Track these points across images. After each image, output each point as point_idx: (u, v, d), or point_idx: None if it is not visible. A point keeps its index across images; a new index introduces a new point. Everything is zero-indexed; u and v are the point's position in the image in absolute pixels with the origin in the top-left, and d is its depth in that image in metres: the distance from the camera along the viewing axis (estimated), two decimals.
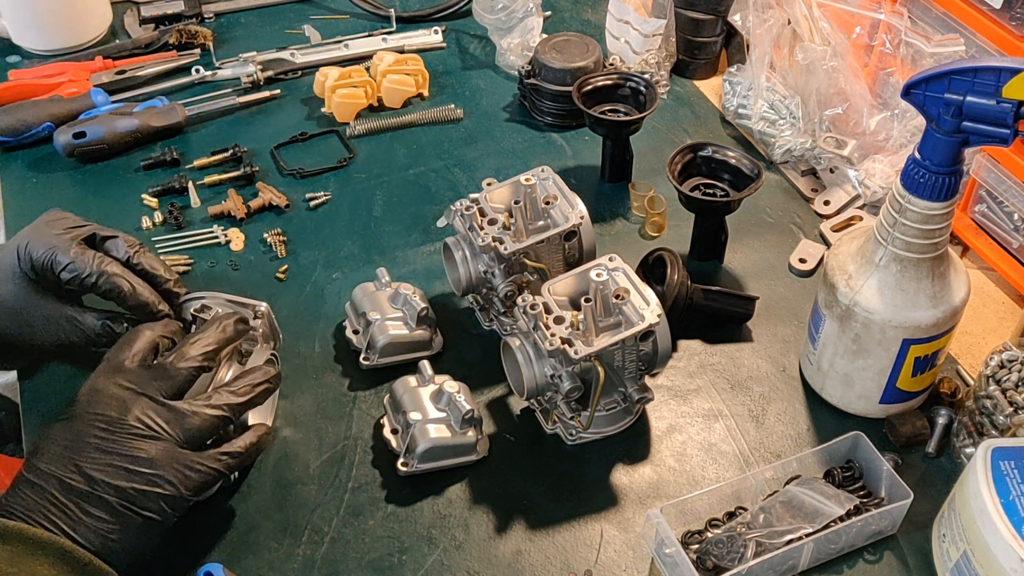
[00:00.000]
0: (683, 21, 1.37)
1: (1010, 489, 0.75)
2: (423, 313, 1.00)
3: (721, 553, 0.82)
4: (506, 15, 1.43)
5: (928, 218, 0.82)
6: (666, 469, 0.93)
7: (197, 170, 1.26)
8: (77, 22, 1.47)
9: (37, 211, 1.21)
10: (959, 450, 0.92)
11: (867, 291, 0.87)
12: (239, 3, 1.58)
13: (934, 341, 0.88)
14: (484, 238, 0.96)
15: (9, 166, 1.29)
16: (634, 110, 1.21)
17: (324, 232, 1.18)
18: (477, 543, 0.88)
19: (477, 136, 1.33)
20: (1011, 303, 1.09)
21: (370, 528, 0.89)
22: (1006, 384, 0.89)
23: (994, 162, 1.05)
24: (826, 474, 0.90)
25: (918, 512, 0.87)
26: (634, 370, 0.92)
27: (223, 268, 1.13)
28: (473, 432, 0.92)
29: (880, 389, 0.93)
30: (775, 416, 0.98)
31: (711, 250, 1.13)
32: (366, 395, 1.00)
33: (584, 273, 0.91)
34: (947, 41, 1.09)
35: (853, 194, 1.20)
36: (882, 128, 1.19)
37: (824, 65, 1.18)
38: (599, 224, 1.19)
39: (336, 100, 1.32)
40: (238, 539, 0.88)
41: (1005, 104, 0.74)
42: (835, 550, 0.85)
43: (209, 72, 1.41)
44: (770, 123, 1.26)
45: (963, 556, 0.78)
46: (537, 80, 1.32)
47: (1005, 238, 1.10)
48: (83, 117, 1.29)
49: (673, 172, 1.08)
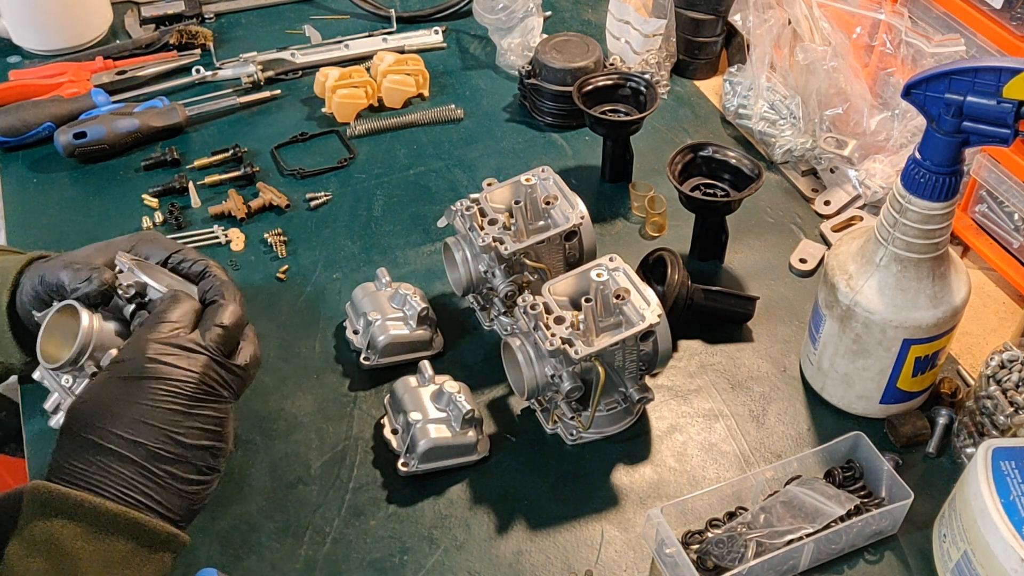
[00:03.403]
0: (683, 21, 1.37)
1: (1011, 489, 0.75)
2: (423, 313, 1.00)
3: (722, 553, 0.82)
4: (506, 15, 1.42)
5: (928, 218, 0.82)
6: (667, 469, 0.94)
7: (197, 170, 1.26)
8: (77, 22, 1.47)
9: (37, 211, 1.22)
10: (959, 450, 0.92)
11: (867, 291, 0.87)
12: (239, 3, 1.58)
13: (934, 341, 0.88)
14: (484, 238, 0.96)
15: (9, 166, 1.29)
16: (634, 110, 1.21)
17: (324, 232, 1.18)
18: (478, 543, 0.88)
19: (477, 136, 1.33)
20: (1011, 303, 1.10)
21: (371, 528, 0.89)
22: (1006, 384, 0.89)
23: (994, 162, 1.05)
24: (827, 474, 0.90)
25: (918, 512, 0.87)
26: (634, 370, 0.92)
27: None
28: (473, 432, 0.92)
29: (880, 389, 0.93)
30: (775, 416, 0.98)
31: (711, 250, 1.13)
32: (366, 395, 1.00)
33: (584, 273, 0.91)
34: (947, 41, 1.09)
35: (853, 194, 1.20)
36: (882, 128, 1.19)
37: (824, 65, 1.18)
38: (599, 224, 1.19)
39: (336, 100, 1.32)
40: (240, 540, 0.88)
41: (1005, 104, 0.74)
42: (836, 550, 0.85)
43: (209, 72, 1.41)
44: (770, 123, 1.26)
45: (964, 556, 0.78)
46: (537, 80, 1.32)
47: (1005, 238, 1.10)
48: (83, 117, 1.29)
49: (673, 172, 1.08)
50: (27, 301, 0.84)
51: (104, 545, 0.68)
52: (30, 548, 0.67)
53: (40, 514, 0.68)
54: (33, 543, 0.67)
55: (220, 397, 0.76)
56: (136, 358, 0.74)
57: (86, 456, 0.71)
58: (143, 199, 1.22)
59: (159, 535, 0.71)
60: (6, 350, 0.87)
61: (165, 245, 0.86)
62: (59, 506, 0.68)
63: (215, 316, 0.78)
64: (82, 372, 0.77)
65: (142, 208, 1.21)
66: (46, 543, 0.67)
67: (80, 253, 0.85)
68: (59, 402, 0.79)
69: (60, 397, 0.79)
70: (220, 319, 0.78)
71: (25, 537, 0.68)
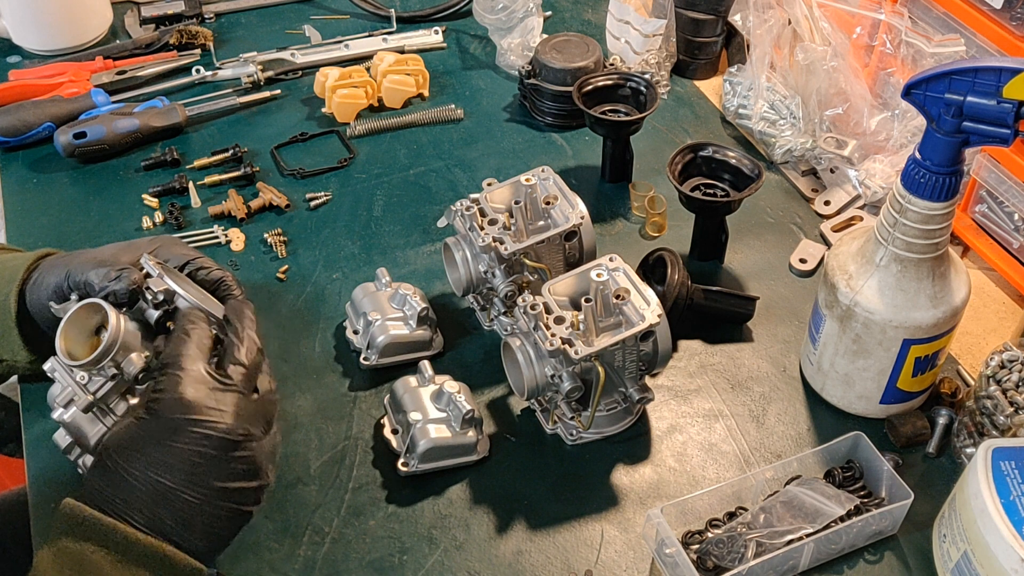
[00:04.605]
0: (683, 21, 1.37)
1: (1010, 489, 0.75)
2: (423, 313, 1.00)
3: (722, 553, 0.82)
4: (506, 15, 1.43)
5: (928, 218, 0.82)
6: (666, 469, 0.93)
7: (197, 170, 1.26)
8: (77, 22, 1.47)
9: (37, 211, 1.22)
10: (959, 450, 0.92)
11: (867, 291, 0.87)
12: (239, 3, 1.58)
13: (934, 341, 0.88)
14: (484, 238, 0.96)
15: (9, 166, 1.29)
16: (634, 110, 1.21)
17: (324, 232, 1.18)
18: (478, 543, 0.88)
19: (477, 136, 1.33)
20: (1011, 303, 1.09)
21: (371, 528, 0.89)
22: (1006, 384, 0.89)
23: (994, 162, 1.05)
24: (826, 474, 0.90)
25: (918, 512, 0.87)
26: (634, 370, 0.92)
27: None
28: (473, 432, 0.92)
29: (880, 389, 0.93)
30: (775, 416, 0.98)
31: (711, 250, 1.13)
32: (366, 395, 1.00)
33: (584, 273, 0.91)
34: (947, 41, 1.09)
35: (853, 194, 1.20)
36: (882, 128, 1.19)
37: (824, 65, 1.18)
38: (599, 224, 1.19)
39: (336, 100, 1.32)
40: (238, 540, 0.87)
41: (1005, 104, 0.74)
42: (835, 550, 0.85)
43: (209, 72, 1.41)
44: (770, 123, 1.26)
45: (964, 556, 0.78)
46: (537, 80, 1.32)
47: (1005, 238, 1.10)
48: (83, 117, 1.29)
49: (673, 172, 1.08)
50: (47, 296, 0.83)
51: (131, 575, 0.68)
52: (62, 568, 0.67)
53: (71, 534, 0.68)
54: (65, 562, 0.67)
55: (251, 435, 0.74)
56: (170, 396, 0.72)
57: (117, 487, 0.70)
58: (143, 199, 1.22)
59: (184, 570, 0.70)
60: (12, 349, 0.86)
61: (184, 251, 0.85)
62: (90, 530, 0.68)
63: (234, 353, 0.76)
64: (100, 371, 0.77)
65: (142, 208, 1.21)
66: (77, 564, 0.67)
67: (105, 251, 0.84)
68: (71, 396, 0.78)
69: (73, 392, 0.78)
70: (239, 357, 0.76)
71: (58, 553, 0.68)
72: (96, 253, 0.84)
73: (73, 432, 0.79)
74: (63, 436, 0.81)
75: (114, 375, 0.76)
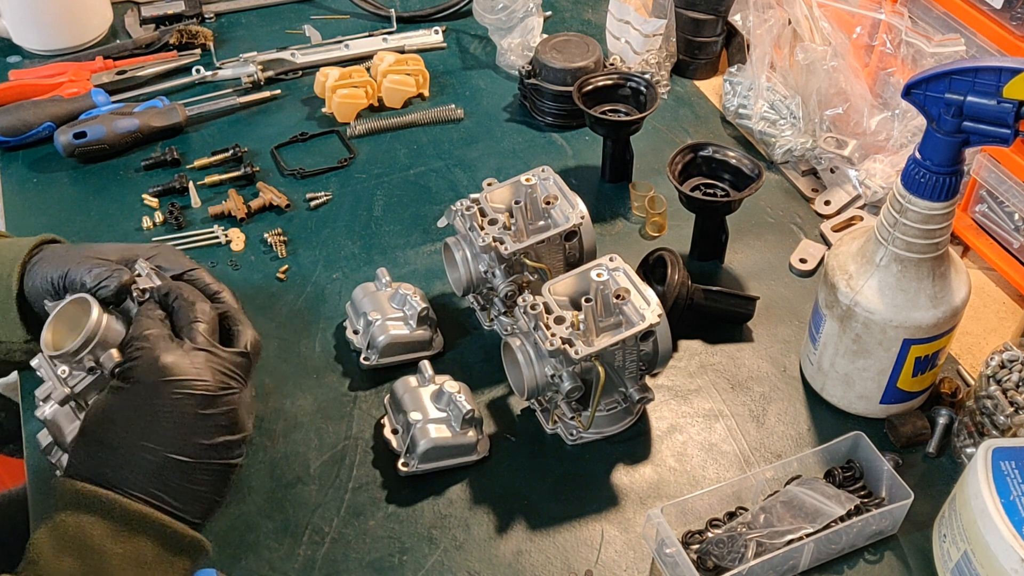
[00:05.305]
0: (683, 21, 1.37)
1: (1011, 489, 0.75)
2: (423, 313, 1.00)
3: (722, 553, 0.82)
4: (506, 15, 1.42)
5: (929, 218, 0.82)
6: (667, 469, 0.93)
7: (197, 170, 1.26)
8: (77, 22, 1.47)
9: (37, 211, 1.22)
10: (960, 450, 0.92)
11: (868, 291, 0.87)
12: (239, 3, 1.58)
13: (935, 341, 0.88)
14: (485, 238, 0.96)
15: (9, 166, 1.29)
16: (634, 110, 1.21)
17: (324, 232, 1.18)
18: (478, 543, 0.88)
19: (477, 136, 1.33)
20: (1011, 303, 1.09)
21: (371, 528, 0.89)
22: (1007, 384, 0.89)
23: (995, 162, 1.05)
24: (827, 474, 0.90)
25: (919, 512, 0.87)
26: (635, 370, 0.92)
27: (223, 268, 1.13)
28: (473, 432, 0.92)
29: (881, 389, 0.93)
30: (775, 416, 0.98)
31: (711, 250, 1.13)
32: (366, 395, 1.00)
33: (585, 273, 0.91)
34: (948, 41, 1.09)
35: (854, 194, 1.20)
36: (883, 128, 1.19)
37: (824, 65, 1.18)
38: (599, 224, 1.19)
39: (337, 100, 1.32)
40: (238, 539, 0.88)
41: (1006, 104, 0.74)
42: (836, 550, 0.85)
43: (209, 72, 1.41)
44: (770, 123, 1.26)
45: (964, 556, 0.78)
46: (537, 80, 1.32)
47: (1006, 238, 1.10)
48: (83, 117, 1.29)
49: (673, 172, 1.08)
50: (43, 290, 0.84)
51: (132, 546, 0.68)
52: (60, 543, 0.67)
53: (71, 507, 0.68)
54: (63, 537, 0.67)
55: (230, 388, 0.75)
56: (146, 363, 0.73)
57: (104, 460, 0.70)
58: (143, 199, 1.22)
59: (183, 539, 0.71)
60: (11, 328, 0.86)
61: (183, 262, 0.86)
62: (87, 502, 0.68)
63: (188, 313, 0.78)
64: (80, 365, 0.77)
65: (142, 208, 1.21)
66: (76, 539, 0.67)
67: (104, 249, 0.85)
68: (50, 391, 0.78)
69: (52, 386, 0.79)
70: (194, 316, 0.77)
71: (55, 529, 0.67)
72: (95, 249, 0.85)
73: (53, 430, 0.79)
74: (45, 436, 0.81)
75: (92, 368, 0.76)
